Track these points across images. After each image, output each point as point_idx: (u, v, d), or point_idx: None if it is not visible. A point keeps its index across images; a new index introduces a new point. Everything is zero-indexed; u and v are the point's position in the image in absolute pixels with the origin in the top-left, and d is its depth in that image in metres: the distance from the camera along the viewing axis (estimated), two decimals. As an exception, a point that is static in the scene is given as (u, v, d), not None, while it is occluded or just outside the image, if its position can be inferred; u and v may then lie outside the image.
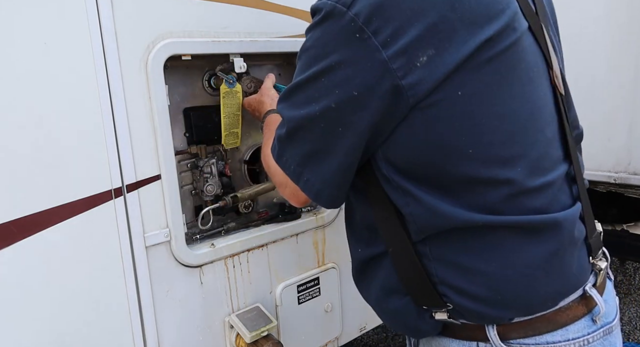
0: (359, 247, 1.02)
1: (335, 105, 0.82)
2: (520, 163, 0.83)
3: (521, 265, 0.84)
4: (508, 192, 0.83)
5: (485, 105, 0.81)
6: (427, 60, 0.76)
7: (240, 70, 1.33)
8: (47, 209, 1.03)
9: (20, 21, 0.97)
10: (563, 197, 0.90)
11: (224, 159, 1.45)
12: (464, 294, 0.86)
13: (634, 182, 2.00)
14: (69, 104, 1.05)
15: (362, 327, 1.79)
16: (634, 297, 2.99)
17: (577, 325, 0.88)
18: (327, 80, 0.82)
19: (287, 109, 0.90)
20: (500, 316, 0.86)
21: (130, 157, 1.15)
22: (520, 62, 0.84)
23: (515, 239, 0.84)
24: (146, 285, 1.20)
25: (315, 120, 0.85)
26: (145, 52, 1.15)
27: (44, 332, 1.06)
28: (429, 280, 0.88)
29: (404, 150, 0.84)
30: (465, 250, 0.86)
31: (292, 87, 0.89)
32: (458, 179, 0.83)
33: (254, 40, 1.34)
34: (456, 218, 0.83)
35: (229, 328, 1.38)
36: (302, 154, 0.90)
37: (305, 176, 0.90)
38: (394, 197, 0.88)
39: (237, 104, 1.37)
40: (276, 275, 1.49)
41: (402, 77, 0.77)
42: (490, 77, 0.80)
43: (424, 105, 0.79)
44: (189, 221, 1.39)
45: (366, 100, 0.80)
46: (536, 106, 0.87)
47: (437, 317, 0.91)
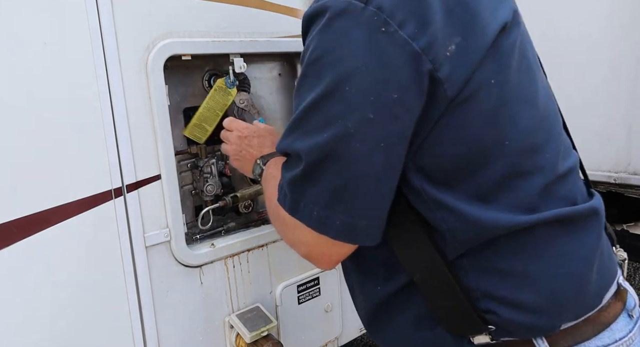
0: (377, 285, 0.88)
1: (374, 114, 0.69)
2: (548, 148, 0.79)
3: (567, 260, 0.77)
4: (542, 182, 0.77)
5: (515, 91, 0.76)
6: (456, 48, 0.70)
7: (240, 70, 1.33)
8: (47, 209, 1.03)
9: (20, 21, 0.97)
10: (581, 186, 0.87)
11: (224, 159, 1.45)
12: (510, 305, 0.76)
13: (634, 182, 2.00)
14: (69, 104, 1.05)
15: (362, 328, 1.79)
16: (634, 297, 2.98)
17: (619, 323, 0.82)
18: (355, 88, 0.69)
19: (299, 140, 0.75)
20: (552, 325, 0.77)
21: (130, 157, 1.15)
22: (528, 50, 0.83)
23: (556, 234, 0.77)
24: (146, 285, 1.20)
25: (349, 140, 0.70)
26: (145, 52, 1.15)
27: (44, 332, 1.06)
28: (469, 297, 0.77)
29: (439, 155, 0.75)
30: (507, 253, 0.77)
31: (302, 112, 0.74)
32: (493, 178, 0.76)
33: (254, 40, 1.34)
34: (499, 224, 0.75)
35: (229, 328, 1.38)
36: (329, 191, 0.73)
37: (336, 218, 0.74)
38: (427, 213, 0.77)
39: (223, 104, 1.35)
40: (276, 275, 1.49)
41: (437, 69, 0.69)
42: (512, 61, 0.77)
43: (461, 99, 0.71)
44: (189, 221, 1.39)
45: (408, 100, 0.70)
46: (547, 92, 0.86)
47: (476, 341, 0.80)
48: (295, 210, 0.77)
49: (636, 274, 3.09)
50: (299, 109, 0.75)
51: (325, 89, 0.70)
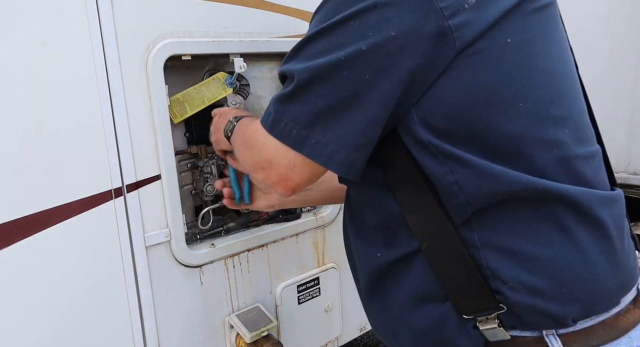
0: (377, 252, 0.85)
1: (367, 47, 0.70)
2: (568, 125, 0.75)
3: (586, 250, 0.73)
4: (559, 155, 0.74)
5: (534, 58, 0.74)
6: (476, 2, 0.69)
7: (240, 70, 1.33)
8: (47, 209, 1.03)
9: (20, 21, 0.97)
10: (604, 176, 0.82)
11: (224, 159, 1.45)
12: (522, 288, 0.73)
13: (634, 182, 2.00)
14: (69, 104, 1.05)
15: (362, 327, 1.79)
16: (634, 297, 2.98)
17: (638, 331, 0.78)
18: (358, 23, 0.70)
19: (298, 62, 0.76)
20: (563, 314, 0.73)
21: (130, 157, 1.15)
22: (558, 24, 0.80)
23: (577, 218, 0.74)
24: (146, 285, 1.20)
25: (338, 68, 0.71)
26: (145, 52, 1.15)
27: (44, 332, 1.06)
28: (480, 274, 0.74)
29: (446, 106, 0.73)
30: (519, 231, 0.74)
31: (305, 40, 0.76)
32: (507, 138, 0.73)
33: (254, 40, 1.34)
34: (511, 180, 0.71)
35: (229, 328, 1.38)
36: (312, 111, 0.74)
37: (312, 138, 0.75)
38: (432, 166, 0.74)
39: (214, 95, 1.32)
40: (276, 275, 1.49)
41: (449, 17, 0.68)
42: (537, 29, 0.75)
43: (471, 51, 0.70)
44: (189, 221, 1.39)
45: (406, 41, 0.69)
46: (573, 74, 0.82)
47: (482, 327, 0.76)
48: (274, 127, 0.78)
49: (636, 274, 3.09)
50: (307, 35, 0.76)
51: (333, 21, 0.72)
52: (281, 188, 0.82)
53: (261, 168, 0.83)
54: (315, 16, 0.78)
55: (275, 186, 0.83)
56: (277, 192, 0.84)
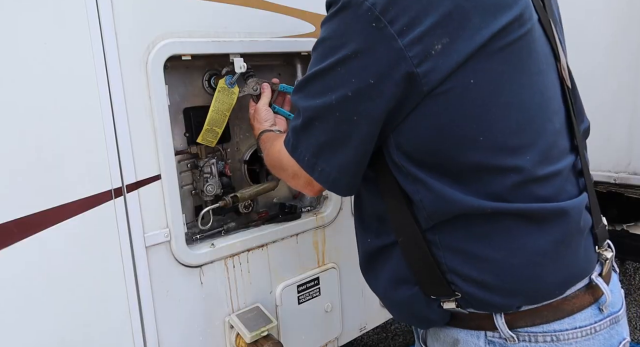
0: (368, 238, 1.03)
1: (352, 93, 0.83)
2: (529, 152, 0.84)
3: (528, 253, 0.85)
4: (516, 180, 0.83)
5: (497, 94, 0.82)
6: (442, 48, 0.78)
7: (240, 70, 1.33)
8: (47, 209, 1.03)
9: (20, 21, 0.97)
10: (569, 187, 0.91)
11: (224, 159, 1.45)
12: (472, 282, 0.87)
13: (634, 182, 2.00)
14: (69, 104, 1.05)
15: (362, 327, 1.79)
16: (634, 297, 2.98)
17: (584, 313, 0.88)
18: (344, 69, 0.83)
19: (303, 99, 0.91)
20: (507, 304, 0.87)
21: (130, 157, 1.15)
22: (531, 52, 0.85)
23: (523, 227, 0.85)
24: (146, 285, 1.20)
25: (332, 110, 0.86)
26: (145, 52, 1.15)
27: (44, 332, 1.06)
28: (438, 269, 0.89)
29: (415, 138, 0.85)
30: (473, 238, 0.87)
31: (309, 77, 0.90)
32: (467, 167, 0.84)
33: (254, 40, 1.34)
34: (464, 204, 0.84)
35: (229, 328, 1.38)
36: (317, 144, 0.91)
37: (319, 166, 0.92)
38: (405, 184, 0.89)
39: (229, 104, 1.36)
40: (276, 275, 1.49)
41: (417, 65, 0.78)
42: (502, 66, 0.82)
43: (437, 93, 0.80)
44: (189, 221, 1.39)
45: (382, 87, 0.81)
46: (545, 97, 0.88)
47: (445, 306, 0.92)
48: (294, 152, 0.96)
49: (636, 274, 3.09)
50: (310, 73, 0.90)
51: (325, 66, 0.85)
52: (308, 191, 1.03)
53: (291, 178, 1.03)
54: (313, 53, 0.90)
55: (303, 189, 1.04)
56: (306, 193, 1.05)
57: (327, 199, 1.62)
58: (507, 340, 0.87)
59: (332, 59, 0.84)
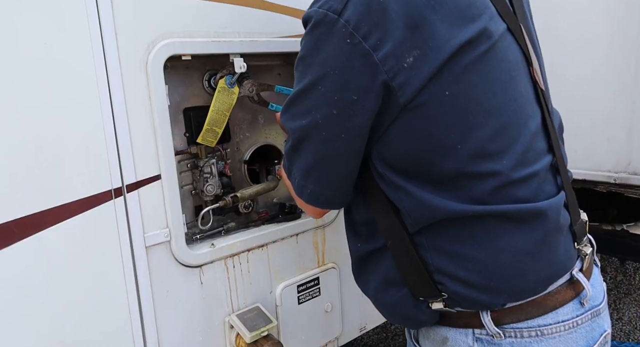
0: (358, 243, 1.05)
1: (337, 111, 0.84)
2: (506, 156, 0.87)
3: (510, 252, 0.89)
4: (494, 184, 0.87)
5: (472, 104, 0.85)
6: (413, 60, 0.80)
7: (240, 70, 1.33)
8: (47, 209, 1.03)
9: (20, 21, 0.97)
10: (548, 186, 0.94)
11: (224, 159, 1.45)
12: (459, 281, 0.90)
13: (634, 182, 1.99)
14: (69, 104, 1.05)
15: (362, 327, 1.79)
16: (634, 297, 2.98)
17: (566, 308, 0.92)
18: (325, 87, 0.84)
19: (290, 120, 0.92)
20: (493, 302, 0.90)
21: (130, 157, 1.15)
22: (501, 62, 0.88)
23: (503, 228, 0.88)
24: (146, 285, 1.20)
25: (318, 129, 0.87)
26: (145, 52, 1.15)
27: (44, 332, 1.06)
28: (426, 270, 0.92)
29: (395, 149, 0.88)
30: (457, 239, 0.90)
31: (293, 98, 0.91)
32: (446, 174, 0.87)
33: (254, 40, 1.34)
34: (446, 209, 0.87)
35: (229, 328, 1.38)
36: (306, 165, 0.93)
37: (308, 187, 0.94)
38: (389, 192, 0.92)
39: (229, 104, 1.36)
40: (276, 275, 1.49)
41: (392, 79, 0.80)
42: (474, 77, 0.84)
43: (413, 106, 0.82)
44: (189, 221, 1.39)
45: (364, 102, 0.83)
46: (518, 103, 0.91)
47: (433, 307, 0.95)
48: (289, 175, 0.98)
49: (636, 274, 3.09)
50: (293, 93, 0.90)
51: (305, 85, 0.86)
52: (311, 213, 1.07)
53: (294, 199, 1.04)
54: (295, 72, 0.91)
55: (305, 211, 1.06)
56: (313, 217, 1.08)
57: (327, 199, 1.62)
58: (493, 337, 0.91)
59: (311, 77, 0.85)
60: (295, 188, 0.97)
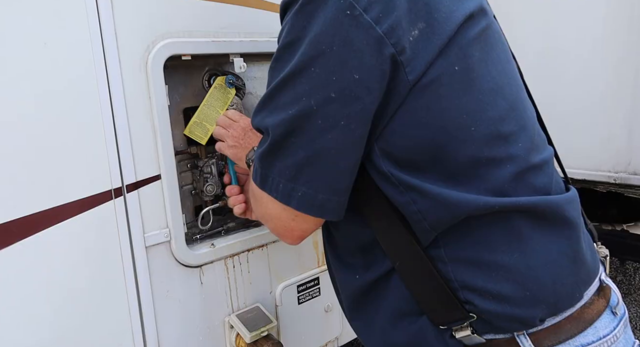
0: (356, 274, 0.90)
1: (336, 94, 0.72)
2: (520, 138, 0.80)
3: (543, 253, 0.79)
4: (513, 170, 0.78)
5: (481, 81, 0.78)
6: (419, 33, 0.73)
7: (240, 70, 1.33)
8: (47, 209, 1.03)
9: (20, 21, 0.97)
10: (558, 179, 0.88)
11: (223, 159, 1.45)
12: (489, 296, 0.77)
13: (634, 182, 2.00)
14: (69, 104, 1.05)
15: (362, 327, 1.79)
16: (634, 297, 2.98)
17: (603, 320, 0.83)
18: (319, 68, 0.72)
19: (269, 116, 0.78)
20: (530, 317, 0.78)
21: (130, 157, 1.15)
22: (497, 42, 0.85)
23: (533, 225, 0.79)
24: (146, 285, 1.20)
25: (312, 117, 0.73)
26: (145, 52, 1.15)
27: (44, 332, 1.06)
28: (448, 287, 0.79)
29: (404, 138, 0.77)
30: (482, 243, 0.78)
31: (272, 90, 0.77)
32: (462, 163, 0.77)
33: (254, 40, 1.34)
34: (468, 205, 0.76)
35: (229, 328, 1.38)
36: (294, 164, 0.76)
37: (298, 190, 0.77)
38: (396, 197, 0.79)
39: (224, 102, 1.35)
40: (276, 275, 1.49)
41: (400, 53, 0.72)
42: (480, 53, 0.79)
43: (423, 84, 0.74)
44: (189, 221, 1.39)
45: (368, 82, 0.72)
46: (518, 85, 0.87)
47: (458, 335, 0.80)
48: (264, 183, 0.80)
49: (636, 274, 3.09)
50: (270, 87, 0.77)
51: (294, 68, 0.73)
52: (288, 238, 0.87)
53: (267, 220, 0.86)
54: (272, 65, 0.79)
55: (282, 236, 0.87)
56: (286, 242, 0.88)
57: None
58: None
59: (300, 60, 0.73)
60: (279, 196, 0.79)
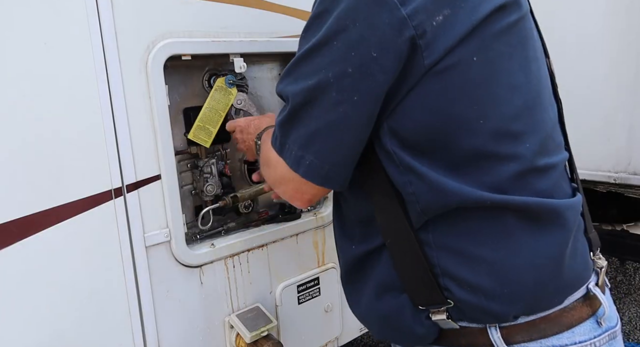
0: (352, 244, 0.95)
1: (353, 69, 0.75)
2: (529, 139, 0.80)
3: (530, 254, 0.79)
4: (515, 169, 0.78)
5: (499, 75, 0.78)
6: (443, 19, 0.73)
7: (240, 70, 1.33)
8: (47, 209, 1.03)
9: (20, 21, 0.97)
10: (564, 185, 0.87)
11: (223, 159, 1.45)
12: (468, 287, 0.80)
13: (634, 182, 2.00)
14: (69, 104, 1.05)
15: (362, 327, 1.79)
16: (634, 297, 2.98)
17: (583, 327, 0.83)
18: (341, 42, 0.75)
19: (291, 84, 0.81)
20: (504, 313, 0.80)
21: (130, 157, 1.15)
22: (528, 38, 0.83)
23: (523, 226, 0.79)
24: (146, 285, 1.20)
25: (328, 89, 0.76)
26: (145, 52, 1.15)
27: (44, 332, 1.06)
28: (431, 272, 0.82)
29: (412, 120, 0.78)
30: (470, 236, 0.80)
31: (298, 59, 0.81)
32: (465, 153, 0.78)
33: (254, 40, 1.34)
34: (461, 196, 0.77)
35: (229, 328, 1.38)
36: (307, 133, 0.80)
37: (306, 159, 0.81)
38: (396, 176, 0.81)
39: (225, 104, 1.35)
40: (276, 275, 1.49)
41: (420, 36, 0.73)
42: (504, 47, 0.78)
43: (438, 69, 0.75)
44: (189, 221, 1.39)
45: (384, 61, 0.74)
46: (542, 85, 0.85)
47: (434, 318, 0.84)
48: (281, 150, 0.84)
49: (636, 274, 3.09)
50: (298, 55, 0.81)
51: (319, 41, 0.77)
52: (298, 201, 0.90)
53: (279, 183, 0.90)
54: (302, 35, 0.82)
55: (292, 199, 0.90)
56: (296, 205, 0.92)
57: (327, 199, 1.62)
58: None
59: (325, 33, 0.76)
60: (290, 162, 0.83)
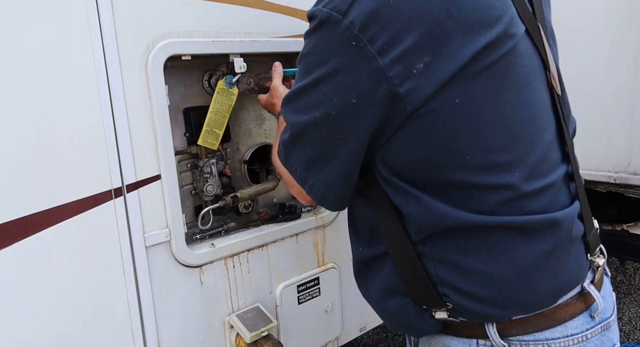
0: (360, 247, 1.03)
1: (335, 112, 0.83)
2: (518, 169, 0.83)
3: (520, 265, 0.85)
4: (506, 196, 0.83)
5: (483, 113, 0.80)
6: (424, 67, 0.76)
7: (240, 70, 1.33)
8: (47, 209, 1.03)
9: (21, 21, 0.97)
10: (562, 197, 0.91)
11: (224, 159, 1.45)
12: (464, 294, 0.87)
13: (634, 182, 2.00)
14: (69, 104, 1.05)
15: (362, 327, 1.79)
16: (634, 297, 2.99)
17: (576, 321, 0.89)
18: (326, 87, 0.82)
19: (289, 113, 0.91)
20: (499, 315, 0.87)
21: (130, 157, 1.15)
22: (517, 68, 0.83)
23: (514, 239, 0.85)
24: (146, 285, 1.20)
25: (317, 127, 0.86)
26: (145, 52, 1.15)
27: (44, 332, 1.06)
28: (429, 280, 0.89)
29: (401, 157, 0.85)
30: (464, 251, 0.86)
31: (294, 92, 0.89)
32: (455, 185, 0.83)
33: (254, 40, 1.34)
34: (454, 218, 0.83)
35: (229, 328, 1.38)
36: (306, 158, 0.91)
37: (310, 180, 0.92)
38: (394, 197, 0.89)
39: (228, 105, 1.36)
40: (276, 275, 1.49)
41: (399, 85, 0.76)
42: (488, 84, 0.80)
43: (421, 113, 0.78)
44: (189, 221, 1.39)
45: (364, 107, 0.80)
46: (533, 111, 0.87)
47: (437, 316, 0.92)
48: (287, 163, 0.95)
49: (636, 274, 3.09)
50: (293, 89, 0.89)
51: (307, 82, 0.84)
52: (302, 199, 1.00)
53: (286, 183, 1.02)
54: (298, 66, 0.89)
55: (297, 196, 1.00)
56: (300, 200, 1.01)
57: (327, 199, 1.62)
58: None
59: (314, 75, 0.83)
60: (296, 178, 0.94)
